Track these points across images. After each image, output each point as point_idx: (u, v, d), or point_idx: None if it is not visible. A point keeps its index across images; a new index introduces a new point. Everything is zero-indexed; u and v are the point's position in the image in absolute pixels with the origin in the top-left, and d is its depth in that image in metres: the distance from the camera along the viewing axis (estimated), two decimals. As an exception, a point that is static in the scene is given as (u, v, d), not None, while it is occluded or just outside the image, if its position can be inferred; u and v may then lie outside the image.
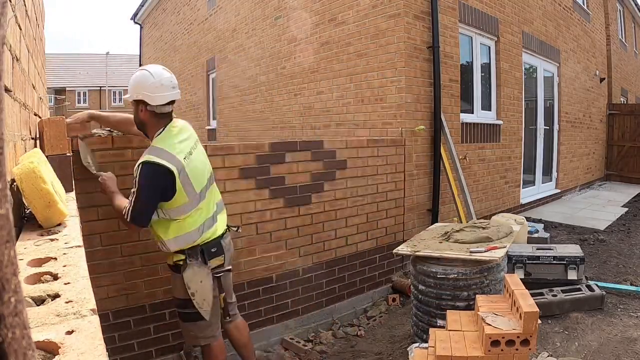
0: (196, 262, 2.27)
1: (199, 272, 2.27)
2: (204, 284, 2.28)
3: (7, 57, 1.06)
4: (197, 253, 2.28)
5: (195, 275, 2.26)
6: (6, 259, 0.27)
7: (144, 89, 2.19)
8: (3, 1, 0.30)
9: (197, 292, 2.26)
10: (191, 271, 2.26)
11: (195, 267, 2.27)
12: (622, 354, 2.85)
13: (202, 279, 2.27)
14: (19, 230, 1.07)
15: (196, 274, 2.27)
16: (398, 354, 3.19)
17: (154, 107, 2.20)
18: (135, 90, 2.21)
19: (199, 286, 2.26)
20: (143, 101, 2.20)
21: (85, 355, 0.50)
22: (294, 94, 6.50)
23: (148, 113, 2.22)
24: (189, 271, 2.26)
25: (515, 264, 3.81)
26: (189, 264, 2.26)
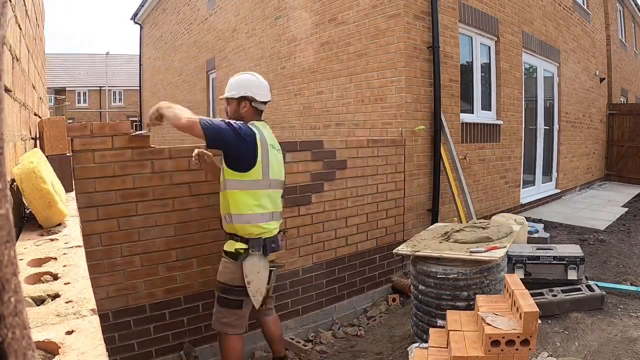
0: (258, 252, 2.43)
1: (258, 263, 2.43)
2: (261, 275, 2.43)
3: (7, 57, 1.06)
4: (260, 245, 2.44)
5: (255, 265, 2.42)
6: (6, 259, 0.27)
7: (252, 87, 2.55)
8: (3, 1, 0.30)
9: (253, 281, 2.40)
10: (252, 261, 2.41)
11: (257, 258, 2.42)
12: (622, 354, 2.85)
13: (260, 269, 2.43)
14: (19, 230, 1.07)
15: (256, 264, 2.42)
16: (398, 354, 3.19)
17: (258, 103, 2.56)
18: (241, 89, 2.54)
19: (256, 276, 2.41)
20: (247, 98, 2.53)
21: (85, 355, 0.50)
22: (294, 94, 6.50)
23: (251, 109, 2.55)
24: (250, 260, 2.41)
25: (515, 264, 3.81)
26: (251, 253, 2.41)
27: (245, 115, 2.54)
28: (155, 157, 2.81)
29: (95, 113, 28.60)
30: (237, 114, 2.55)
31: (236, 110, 2.56)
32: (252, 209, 2.42)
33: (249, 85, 2.56)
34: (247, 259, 2.41)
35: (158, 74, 13.56)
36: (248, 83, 2.56)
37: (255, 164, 2.39)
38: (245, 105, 2.54)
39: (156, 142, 2.88)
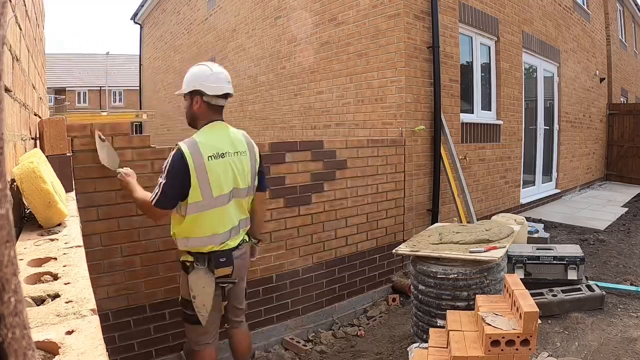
0: (202, 267, 2.24)
1: (203, 278, 2.24)
2: (206, 290, 2.24)
3: (7, 57, 1.06)
4: (204, 260, 2.24)
5: (199, 279, 2.23)
6: (6, 259, 0.27)
7: (201, 79, 2.25)
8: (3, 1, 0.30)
9: (198, 296, 2.24)
10: (196, 275, 2.24)
11: (201, 272, 2.24)
12: (622, 354, 2.85)
13: (205, 285, 2.24)
14: (19, 230, 1.07)
15: (200, 278, 2.24)
16: (398, 354, 3.19)
17: (210, 97, 2.25)
18: (191, 83, 2.27)
19: (201, 291, 2.23)
20: (199, 92, 2.24)
21: (85, 355, 0.50)
22: (294, 94, 6.50)
23: (204, 105, 2.27)
24: (194, 275, 2.24)
25: (515, 264, 3.81)
26: (195, 267, 2.24)
27: (199, 113, 2.29)
28: (155, 157, 2.81)
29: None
30: (190, 111, 2.32)
31: (188, 108, 2.32)
32: (199, 233, 2.22)
33: (198, 77, 2.26)
34: (191, 273, 2.24)
35: (158, 74, 13.56)
36: (197, 75, 2.27)
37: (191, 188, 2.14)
38: (196, 102, 2.27)
39: (156, 143, 2.88)
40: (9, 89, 1.05)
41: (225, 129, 2.35)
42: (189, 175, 2.12)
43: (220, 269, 2.27)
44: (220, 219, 2.24)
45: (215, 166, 2.19)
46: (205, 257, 2.24)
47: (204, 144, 2.18)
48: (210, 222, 2.21)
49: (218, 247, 2.25)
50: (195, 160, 2.13)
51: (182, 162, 2.11)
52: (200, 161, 2.14)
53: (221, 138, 2.29)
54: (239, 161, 2.32)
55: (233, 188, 2.28)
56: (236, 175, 2.30)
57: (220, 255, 2.26)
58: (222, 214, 2.25)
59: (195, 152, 2.14)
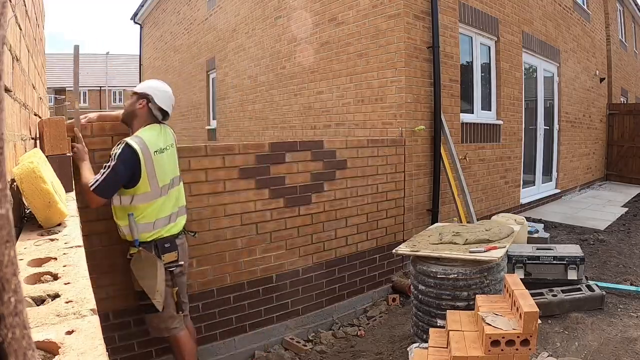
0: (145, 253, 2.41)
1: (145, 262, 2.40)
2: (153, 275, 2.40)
3: (7, 57, 1.06)
4: (151, 248, 2.42)
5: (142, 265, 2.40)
6: (6, 259, 0.27)
7: (156, 89, 2.57)
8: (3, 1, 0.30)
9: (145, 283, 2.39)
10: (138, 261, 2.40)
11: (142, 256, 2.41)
12: (622, 354, 2.85)
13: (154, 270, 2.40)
14: (19, 230, 1.07)
15: (143, 264, 2.40)
16: (398, 354, 3.19)
17: (155, 106, 2.52)
18: (146, 87, 2.58)
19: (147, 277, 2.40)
20: (147, 97, 2.51)
21: (85, 355, 0.50)
22: (294, 94, 6.50)
23: (146, 109, 2.52)
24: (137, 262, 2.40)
25: (515, 264, 3.81)
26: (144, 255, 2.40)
27: (139, 112, 2.52)
28: (155, 157, 2.81)
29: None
30: (132, 108, 2.53)
31: (132, 104, 2.54)
32: (144, 220, 2.41)
33: (154, 88, 2.58)
34: (139, 262, 2.40)
35: (158, 74, 13.55)
36: (155, 86, 2.60)
37: (140, 179, 2.37)
38: (141, 103, 2.52)
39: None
40: (9, 89, 1.05)
41: (159, 127, 2.58)
42: (139, 168, 2.35)
43: (167, 254, 2.48)
44: (162, 207, 2.47)
45: (159, 160, 2.45)
46: (152, 245, 2.43)
47: (148, 141, 2.42)
48: (155, 210, 2.43)
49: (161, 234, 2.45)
50: (145, 154, 2.36)
51: (134, 156, 2.33)
52: (148, 155, 2.38)
53: (158, 135, 2.53)
54: (171, 154, 2.59)
55: (172, 178, 2.54)
56: (173, 165, 2.60)
57: (165, 241, 2.48)
58: (164, 202, 2.49)
59: (144, 148, 2.37)
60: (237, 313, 3.29)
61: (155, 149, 2.44)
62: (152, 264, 2.40)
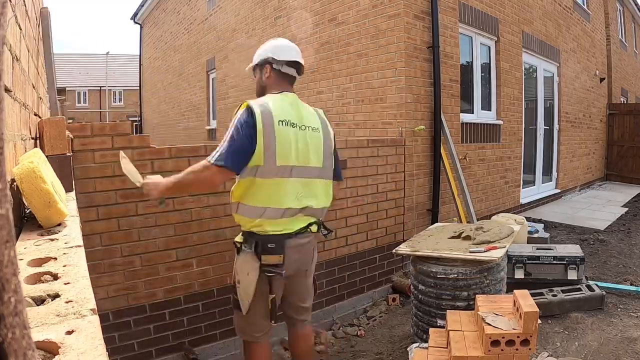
0: (249, 251, 2.07)
1: (249, 263, 2.07)
2: (250, 277, 2.06)
3: (7, 57, 1.06)
4: (251, 242, 2.07)
5: (244, 264, 2.09)
6: (6, 259, 0.27)
7: (271, 48, 2.21)
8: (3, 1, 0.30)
9: (241, 282, 2.09)
10: (243, 259, 2.10)
11: (248, 257, 2.08)
12: (622, 354, 2.85)
13: (249, 271, 2.06)
14: (19, 230, 1.07)
15: (246, 262, 2.08)
16: (398, 354, 3.19)
17: (280, 64, 2.18)
18: (260, 55, 2.22)
19: (244, 277, 2.08)
20: (269, 62, 2.18)
21: (85, 355, 0.50)
22: (294, 94, 6.50)
23: (274, 74, 2.19)
24: (241, 258, 2.11)
25: (515, 264, 3.81)
26: (243, 249, 2.10)
27: (268, 82, 2.19)
28: (155, 157, 2.81)
29: (95, 113, 28.59)
30: (262, 85, 2.23)
31: (259, 80, 2.24)
32: (252, 201, 2.03)
33: (268, 48, 2.22)
34: (239, 255, 2.12)
35: (158, 74, 13.55)
36: (267, 47, 2.23)
37: (256, 148, 1.97)
38: (266, 71, 2.19)
39: (156, 142, 2.88)
40: (9, 89, 1.05)
41: (298, 101, 2.21)
42: (256, 135, 1.96)
43: (267, 256, 2.05)
44: (276, 193, 2.02)
45: (284, 132, 2.02)
46: (253, 239, 2.06)
47: (275, 106, 2.04)
48: (265, 193, 2.01)
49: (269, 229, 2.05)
50: (265, 120, 1.98)
51: (251, 120, 1.97)
52: (269, 122, 1.98)
53: (292, 108, 2.12)
54: (310, 137, 2.14)
55: (300, 164, 2.08)
56: (308, 150, 2.11)
57: (269, 240, 2.05)
58: (280, 188, 2.03)
59: (266, 112, 1.99)
60: (237, 313, 3.29)
61: (282, 119, 2.03)
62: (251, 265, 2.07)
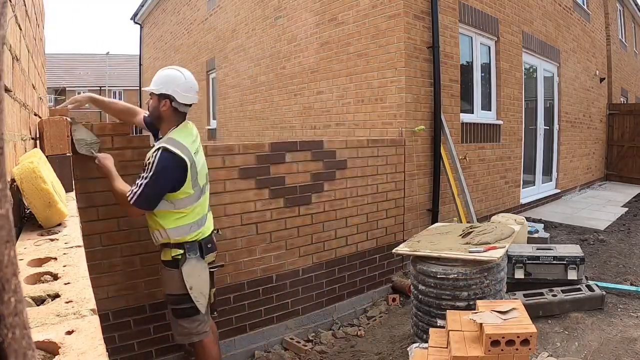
0: (195, 256, 2.36)
1: (197, 266, 2.36)
2: (202, 278, 2.37)
3: (7, 57, 1.06)
4: (196, 248, 2.37)
5: (194, 269, 2.34)
6: (6, 259, 0.27)
7: (176, 86, 2.35)
8: (3, 1, 0.30)
9: (194, 286, 2.34)
10: (190, 265, 2.34)
11: (194, 261, 2.35)
12: (622, 354, 2.85)
13: (200, 272, 2.37)
14: (19, 230, 1.07)
15: (195, 267, 2.35)
16: (398, 354, 3.19)
17: (179, 104, 2.37)
18: (165, 85, 2.35)
19: (197, 280, 2.35)
20: (169, 97, 2.34)
21: (85, 355, 0.50)
22: (294, 94, 6.50)
23: (171, 110, 2.37)
24: (188, 265, 2.34)
25: (515, 264, 3.81)
26: (188, 258, 2.34)
27: (165, 115, 2.38)
28: (155, 157, 2.80)
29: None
30: (157, 111, 2.39)
31: (156, 108, 2.39)
32: (189, 220, 2.35)
33: (172, 82, 2.35)
34: (184, 264, 2.33)
35: (158, 74, 13.53)
36: (171, 80, 2.36)
37: (184, 185, 2.28)
38: (165, 105, 2.35)
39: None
40: (9, 89, 1.05)
41: (191, 127, 2.48)
42: (186, 172, 2.26)
43: (209, 255, 2.45)
44: (203, 205, 2.44)
45: (199, 160, 2.39)
46: (195, 244, 2.37)
47: (187, 142, 2.33)
48: (199, 209, 2.40)
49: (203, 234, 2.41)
50: (190, 160, 2.28)
51: (176, 162, 2.23)
52: (190, 157, 2.30)
53: (191, 136, 2.43)
54: (201, 151, 2.52)
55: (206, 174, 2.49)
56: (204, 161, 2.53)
57: (207, 241, 2.45)
58: (204, 200, 2.46)
59: (187, 153, 2.28)
60: (237, 313, 3.29)
61: (194, 150, 2.36)
62: (200, 266, 2.37)
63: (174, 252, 2.35)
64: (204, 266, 2.40)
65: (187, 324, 2.40)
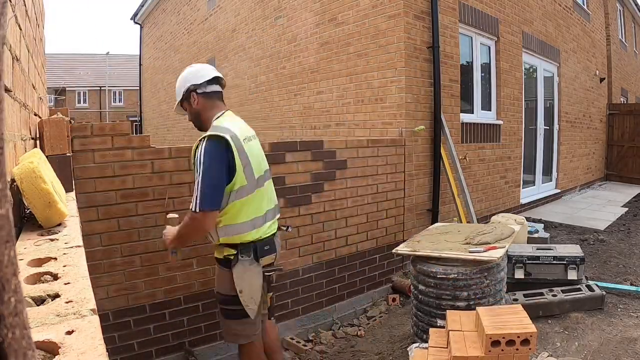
0: (248, 258, 2.18)
1: (249, 270, 2.18)
2: (254, 282, 2.20)
3: (7, 57, 1.06)
4: (249, 249, 2.18)
5: (245, 272, 2.18)
6: (6, 259, 0.27)
7: (188, 78, 2.25)
8: (3, 1, 0.30)
9: (244, 290, 2.17)
10: (242, 268, 2.17)
11: (247, 264, 2.18)
12: (622, 354, 2.85)
13: (252, 276, 2.19)
14: (19, 230, 1.07)
15: (247, 270, 2.18)
16: (398, 354, 3.19)
17: (203, 87, 2.23)
18: (181, 87, 2.26)
19: (248, 284, 2.18)
20: (192, 91, 2.23)
21: (85, 355, 0.50)
22: (294, 94, 6.50)
23: (201, 99, 2.24)
24: (240, 267, 2.17)
25: (515, 264, 3.81)
26: (240, 259, 2.17)
27: (200, 108, 2.25)
28: (155, 157, 2.81)
29: (95, 113, 28.59)
30: (195, 113, 2.28)
31: (191, 112, 2.29)
32: (242, 218, 2.15)
33: (184, 80, 2.27)
34: (236, 266, 2.17)
35: (158, 74, 13.55)
36: (182, 80, 2.29)
37: (236, 172, 2.08)
38: (194, 99, 2.24)
39: (156, 142, 2.88)
40: (9, 89, 1.05)
41: (237, 116, 2.34)
42: (234, 159, 2.06)
43: (266, 257, 2.24)
44: (259, 202, 2.21)
45: (251, 147, 2.19)
46: (250, 246, 2.18)
47: (234, 127, 2.14)
48: (253, 206, 2.17)
49: (260, 234, 2.21)
50: (236, 142, 2.08)
51: (221, 148, 2.05)
52: (239, 143, 2.10)
53: (240, 123, 2.27)
54: (257, 145, 2.33)
55: (262, 172, 2.27)
56: (261, 157, 2.32)
57: (264, 243, 2.23)
58: (261, 196, 2.23)
59: (232, 135, 2.08)
60: (237, 313, 3.28)
61: (245, 137, 2.17)
62: (253, 270, 2.19)
63: (227, 251, 2.20)
64: (257, 270, 2.20)
65: (235, 325, 2.26)
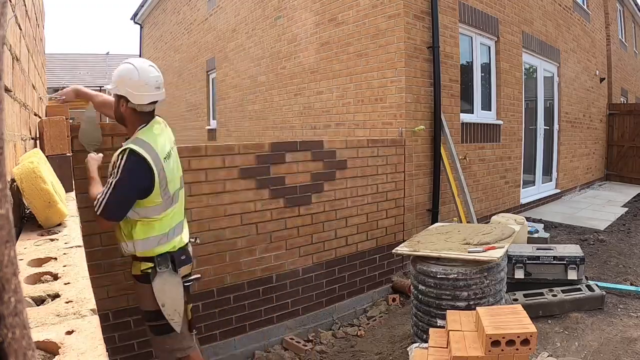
0: (167, 269, 2.14)
1: (168, 281, 2.13)
2: (175, 294, 2.15)
3: (7, 57, 1.06)
4: (167, 260, 2.15)
5: (165, 284, 2.12)
6: (6, 259, 0.27)
7: (127, 85, 2.09)
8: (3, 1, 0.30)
9: (167, 303, 2.12)
10: (161, 280, 2.12)
11: (166, 276, 2.13)
12: (622, 354, 2.85)
13: (172, 288, 2.14)
14: (19, 230, 1.07)
15: (166, 282, 2.13)
16: (398, 354, 3.19)
17: (134, 105, 2.11)
18: (118, 84, 2.12)
19: (169, 296, 2.13)
20: (125, 97, 2.11)
21: (85, 355, 0.50)
22: (294, 94, 6.50)
23: (129, 110, 2.13)
24: (159, 280, 2.12)
25: (515, 264, 3.81)
26: (158, 271, 2.12)
27: (125, 115, 2.15)
28: (155, 157, 2.80)
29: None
30: (118, 112, 2.18)
31: (116, 108, 2.18)
32: (157, 231, 2.12)
33: (125, 82, 2.09)
34: (155, 280, 2.10)
35: (158, 74, 13.53)
36: (123, 77, 2.10)
37: (153, 191, 2.06)
38: (122, 105, 2.13)
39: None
40: (9, 89, 1.05)
41: (161, 126, 2.25)
42: (153, 180, 2.03)
43: (184, 267, 2.22)
44: (175, 215, 2.21)
45: (168, 165, 2.14)
46: (167, 257, 2.15)
47: (156, 146, 2.09)
48: (166, 220, 2.16)
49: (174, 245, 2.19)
50: (156, 164, 2.05)
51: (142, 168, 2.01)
52: (160, 164, 2.07)
53: (162, 137, 2.19)
54: (175, 156, 2.29)
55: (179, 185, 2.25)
56: (179, 165, 2.30)
57: (181, 253, 2.21)
58: (174, 210, 2.21)
59: (154, 156, 2.05)
60: (237, 313, 3.29)
61: (164, 155, 2.12)
62: (172, 281, 2.13)
63: (144, 265, 2.14)
64: (177, 281, 2.16)
65: (166, 340, 2.19)
